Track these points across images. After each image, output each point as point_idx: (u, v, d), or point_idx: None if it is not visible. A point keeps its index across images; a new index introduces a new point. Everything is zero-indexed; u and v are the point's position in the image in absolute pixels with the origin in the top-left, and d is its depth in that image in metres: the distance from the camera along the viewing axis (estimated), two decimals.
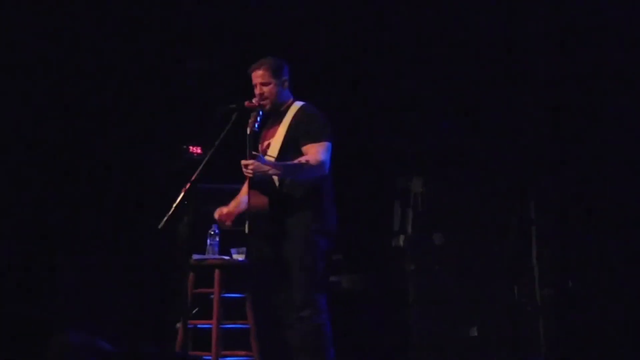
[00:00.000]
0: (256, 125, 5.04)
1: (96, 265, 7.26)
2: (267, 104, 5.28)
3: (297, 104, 5.34)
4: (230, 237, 5.99)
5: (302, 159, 5.07)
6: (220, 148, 4.93)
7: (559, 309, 7.31)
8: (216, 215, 5.34)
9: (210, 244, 6.11)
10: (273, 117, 5.36)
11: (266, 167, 5.01)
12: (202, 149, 7.01)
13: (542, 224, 7.44)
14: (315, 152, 5.11)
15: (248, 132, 5.04)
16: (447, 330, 7.45)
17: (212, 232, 6.10)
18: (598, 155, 7.34)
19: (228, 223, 5.30)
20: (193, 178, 4.86)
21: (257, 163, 4.99)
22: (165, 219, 4.73)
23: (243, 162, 5.00)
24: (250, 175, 5.03)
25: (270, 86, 5.28)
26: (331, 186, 5.31)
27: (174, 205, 4.76)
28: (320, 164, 5.11)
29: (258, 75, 5.29)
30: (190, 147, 6.98)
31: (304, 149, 5.15)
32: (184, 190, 4.81)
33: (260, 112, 5.11)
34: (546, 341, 7.25)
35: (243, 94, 5.31)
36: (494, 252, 7.48)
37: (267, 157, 5.19)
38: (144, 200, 7.35)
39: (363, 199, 7.81)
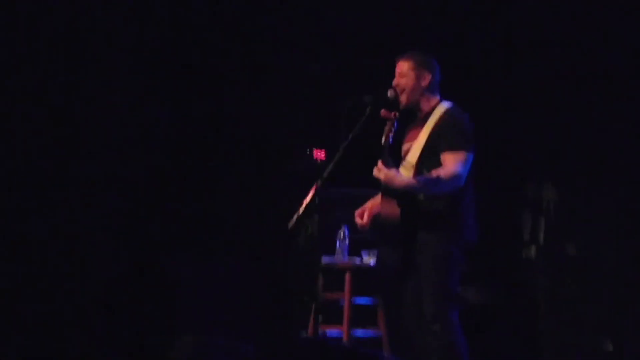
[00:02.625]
0: (390, 137, 4.83)
1: (219, 266, 7.07)
2: (403, 100, 5.04)
3: (443, 106, 5.09)
4: (360, 238, 5.80)
5: (436, 173, 4.84)
6: (353, 144, 4.66)
7: None
8: (356, 217, 5.12)
9: (340, 246, 5.96)
10: (417, 117, 5.13)
11: (398, 182, 4.82)
12: (326, 154, 6.70)
13: None
14: (451, 163, 4.89)
15: (382, 142, 4.84)
16: (581, 345, 7.16)
17: (342, 234, 5.95)
18: None
19: (364, 221, 5.04)
20: (325, 175, 4.62)
21: (390, 174, 4.79)
22: (295, 217, 4.49)
23: (378, 166, 4.80)
24: (381, 179, 4.84)
25: (406, 79, 5.06)
26: (472, 195, 5.08)
27: (305, 203, 4.50)
28: (456, 177, 4.88)
29: (399, 66, 5.11)
30: (315, 151, 6.67)
31: (442, 157, 4.93)
32: (314, 188, 4.56)
33: (396, 123, 4.88)
34: None
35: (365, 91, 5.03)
36: (630, 263, 7.08)
37: (405, 163, 5.01)
38: (266, 202, 7.14)
39: (490, 206, 7.40)
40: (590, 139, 7.25)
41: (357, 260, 5.97)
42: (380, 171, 4.78)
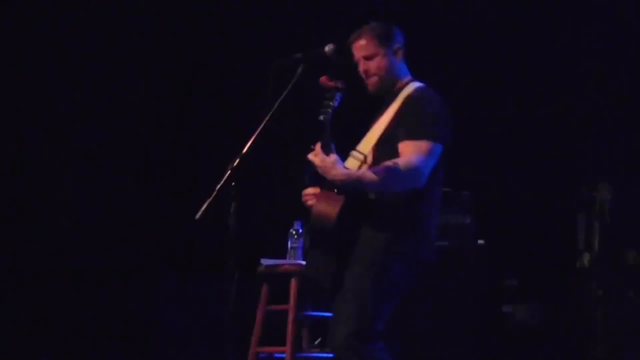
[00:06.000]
0: (330, 113, 3.87)
1: None
2: (374, 82, 4.09)
3: (412, 86, 4.10)
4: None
5: (389, 164, 3.86)
6: (280, 115, 3.85)
7: None
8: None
9: (292, 247, 5.01)
10: (386, 99, 4.15)
11: (335, 172, 3.85)
12: None
13: None
14: (409, 155, 3.88)
15: (320, 119, 3.87)
16: None
17: (294, 232, 5.03)
18: None
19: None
20: (244, 151, 3.76)
21: (327, 161, 3.84)
22: (204, 207, 3.65)
23: (309, 156, 3.90)
24: (317, 165, 3.91)
25: (378, 58, 4.07)
26: (437, 205, 4.08)
27: (217, 187, 3.67)
28: (413, 173, 3.87)
29: (360, 47, 4.10)
30: None
31: (400, 147, 3.93)
32: (230, 168, 3.71)
33: (338, 96, 3.91)
34: None
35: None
36: None
37: (355, 153, 4.06)
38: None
39: (539, 212, 6.89)
40: None
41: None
42: (316, 156, 3.86)
